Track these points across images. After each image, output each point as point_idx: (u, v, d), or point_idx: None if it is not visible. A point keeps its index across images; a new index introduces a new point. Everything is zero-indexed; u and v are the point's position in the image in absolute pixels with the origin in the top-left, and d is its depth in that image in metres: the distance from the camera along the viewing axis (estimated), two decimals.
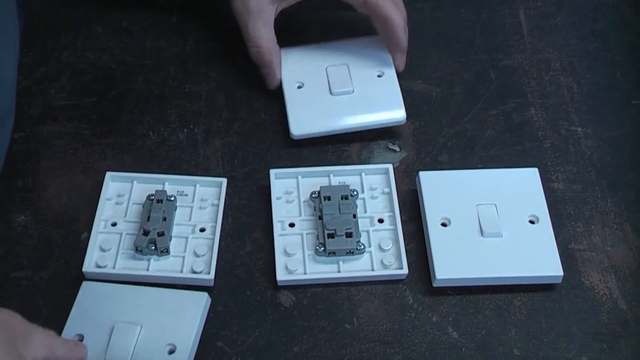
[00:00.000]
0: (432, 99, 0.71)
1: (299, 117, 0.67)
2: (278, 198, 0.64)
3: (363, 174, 0.65)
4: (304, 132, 0.67)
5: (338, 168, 0.66)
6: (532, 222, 0.62)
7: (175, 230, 0.62)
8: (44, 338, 0.51)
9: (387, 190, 0.64)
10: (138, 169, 0.66)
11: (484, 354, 0.58)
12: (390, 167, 0.65)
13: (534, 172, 0.65)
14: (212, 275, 0.59)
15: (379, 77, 0.69)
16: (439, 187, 0.64)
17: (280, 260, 0.61)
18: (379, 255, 0.61)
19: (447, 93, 0.72)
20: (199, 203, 0.64)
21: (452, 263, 0.60)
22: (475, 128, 0.70)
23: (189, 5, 0.77)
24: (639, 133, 0.70)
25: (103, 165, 0.66)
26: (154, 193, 0.62)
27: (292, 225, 0.63)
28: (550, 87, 0.73)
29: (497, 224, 0.62)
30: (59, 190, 0.65)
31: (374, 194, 0.64)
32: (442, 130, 0.70)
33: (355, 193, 0.64)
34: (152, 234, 0.60)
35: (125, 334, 0.56)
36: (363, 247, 0.61)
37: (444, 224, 0.62)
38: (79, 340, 0.56)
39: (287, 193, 0.64)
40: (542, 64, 0.75)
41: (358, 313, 0.59)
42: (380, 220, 0.63)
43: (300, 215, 0.63)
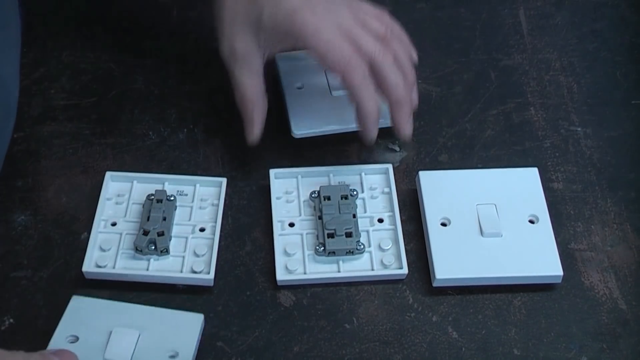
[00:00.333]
0: (432, 99, 0.71)
1: (300, 116, 0.67)
2: (278, 198, 0.64)
3: (363, 174, 0.65)
4: (305, 131, 0.67)
5: (338, 168, 0.66)
6: (532, 222, 0.62)
7: (175, 230, 0.62)
8: None
9: (387, 190, 0.64)
10: (138, 169, 0.66)
11: (484, 354, 0.58)
12: (390, 167, 0.65)
13: (534, 172, 0.65)
14: (212, 275, 0.59)
15: None
16: (439, 187, 0.64)
17: (280, 260, 0.61)
18: (379, 255, 0.61)
19: (447, 93, 0.72)
20: (199, 203, 0.64)
21: (452, 263, 0.60)
22: (475, 128, 0.70)
23: (189, 5, 0.77)
24: (639, 133, 0.70)
25: (103, 165, 0.66)
26: (154, 193, 0.62)
27: (292, 225, 0.63)
28: (550, 87, 0.73)
29: (497, 224, 0.62)
30: (59, 190, 0.65)
31: (374, 194, 0.64)
32: (442, 130, 0.70)
33: (355, 193, 0.64)
34: (152, 234, 0.60)
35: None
36: (363, 247, 0.61)
37: (444, 224, 0.62)
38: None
39: (287, 193, 0.64)
40: (542, 64, 0.75)
41: (358, 313, 0.59)
42: (380, 220, 0.63)
43: (300, 215, 0.63)
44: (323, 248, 0.61)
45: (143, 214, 0.62)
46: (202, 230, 0.62)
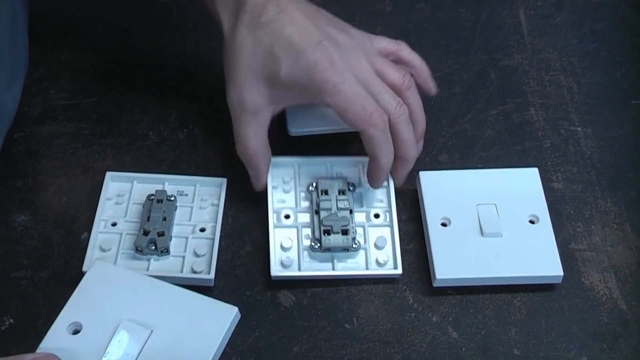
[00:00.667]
0: (431, 99, 0.71)
1: (297, 114, 0.67)
2: (274, 187, 0.64)
3: (361, 166, 0.65)
4: (301, 129, 0.67)
5: (337, 159, 0.66)
6: (532, 222, 0.62)
7: (175, 230, 0.62)
8: None
9: (384, 184, 0.64)
10: (138, 169, 0.66)
11: (484, 354, 0.58)
12: None
13: (534, 172, 0.65)
14: (212, 275, 0.59)
15: None
16: (439, 187, 0.64)
17: (276, 255, 0.61)
18: (374, 253, 0.61)
19: (446, 93, 0.72)
20: (199, 203, 0.64)
21: (452, 263, 0.60)
22: (475, 128, 0.70)
23: (189, 5, 0.77)
24: (639, 133, 0.70)
25: (103, 165, 0.66)
26: (154, 193, 0.62)
27: (287, 217, 0.63)
28: (550, 87, 0.73)
29: (497, 224, 0.62)
30: (59, 190, 0.65)
31: (371, 188, 0.64)
32: (442, 130, 0.70)
33: (353, 187, 0.64)
34: (152, 234, 0.60)
35: (131, 336, 0.52)
36: (358, 244, 0.61)
37: (444, 224, 0.62)
38: (76, 331, 0.52)
39: (284, 182, 0.64)
40: (542, 64, 0.75)
41: (358, 313, 0.59)
42: (377, 216, 0.63)
43: (296, 207, 0.63)
44: (319, 244, 0.61)
45: (143, 214, 0.62)
46: (202, 231, 0.62)
